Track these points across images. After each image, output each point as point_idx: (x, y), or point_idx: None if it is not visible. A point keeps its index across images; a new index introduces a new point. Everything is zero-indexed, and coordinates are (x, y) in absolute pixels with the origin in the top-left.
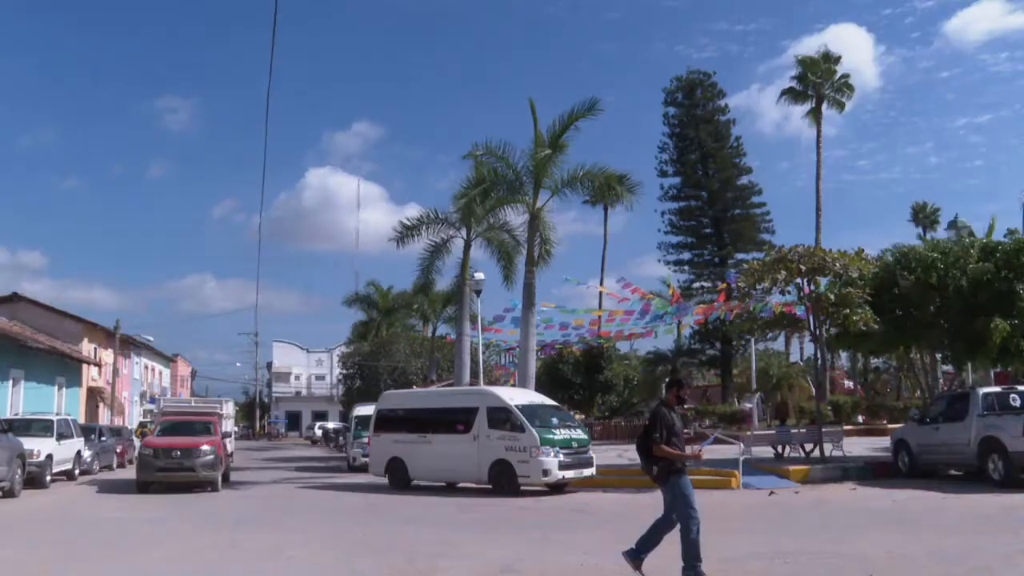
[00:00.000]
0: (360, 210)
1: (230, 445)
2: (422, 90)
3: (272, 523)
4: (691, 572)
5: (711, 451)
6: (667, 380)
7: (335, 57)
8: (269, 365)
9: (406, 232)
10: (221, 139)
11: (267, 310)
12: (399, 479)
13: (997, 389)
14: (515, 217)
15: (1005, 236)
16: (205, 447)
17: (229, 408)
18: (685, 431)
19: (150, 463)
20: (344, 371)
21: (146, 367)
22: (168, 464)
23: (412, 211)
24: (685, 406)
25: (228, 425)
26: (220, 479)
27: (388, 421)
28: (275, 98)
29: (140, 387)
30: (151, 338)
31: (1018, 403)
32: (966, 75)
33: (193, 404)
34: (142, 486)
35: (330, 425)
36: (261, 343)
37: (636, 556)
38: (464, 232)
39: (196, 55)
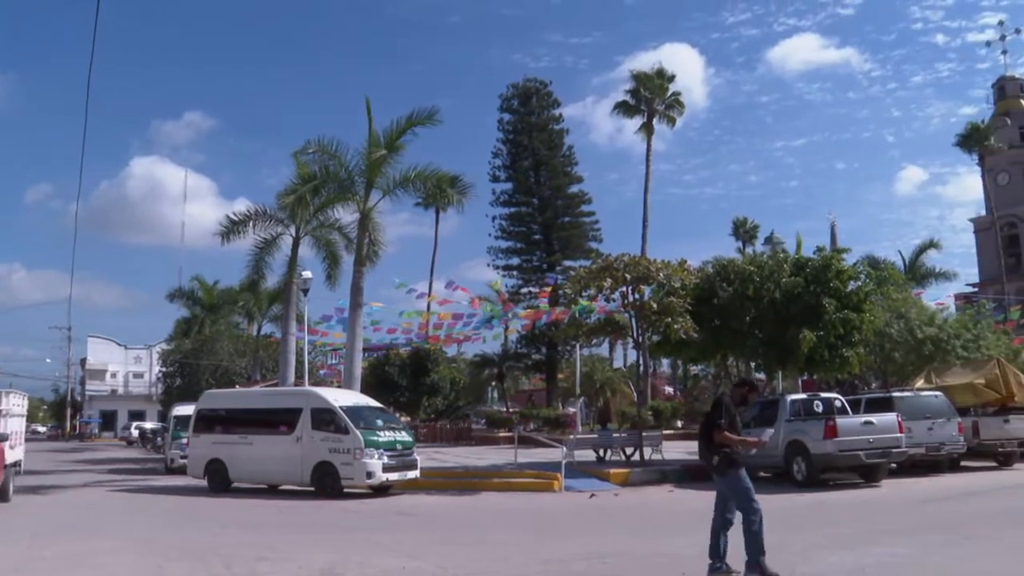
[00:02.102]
0: (187, 203)
1: (15, 450)
2: (258, 83)
3: (79, 530)
4: (755, 565)
5: (535, 454)
6: (738, 380)
7: (167, 42)
8: (83, 362)
9: (233, 227)
10: (38, 119)
11: (83, 304)
12: (219, 481)
13: (803, 396)
14: (346, 216)
15: (815, 253)
16: None
17: (15, 402)
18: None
19: None
20: (164, 369)
21: None
22: None
23: (242, 206)
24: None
25: (14, 424)
26: None
27: (209, 421)
28: (99, 80)
29: None
30: None
31: (821, 409)
32: (784, 100)
33: None
34: None
35: (148, 425)
36: (75, 338)
37: (718, 568)
38: (293, 230)
39: (12, 27)
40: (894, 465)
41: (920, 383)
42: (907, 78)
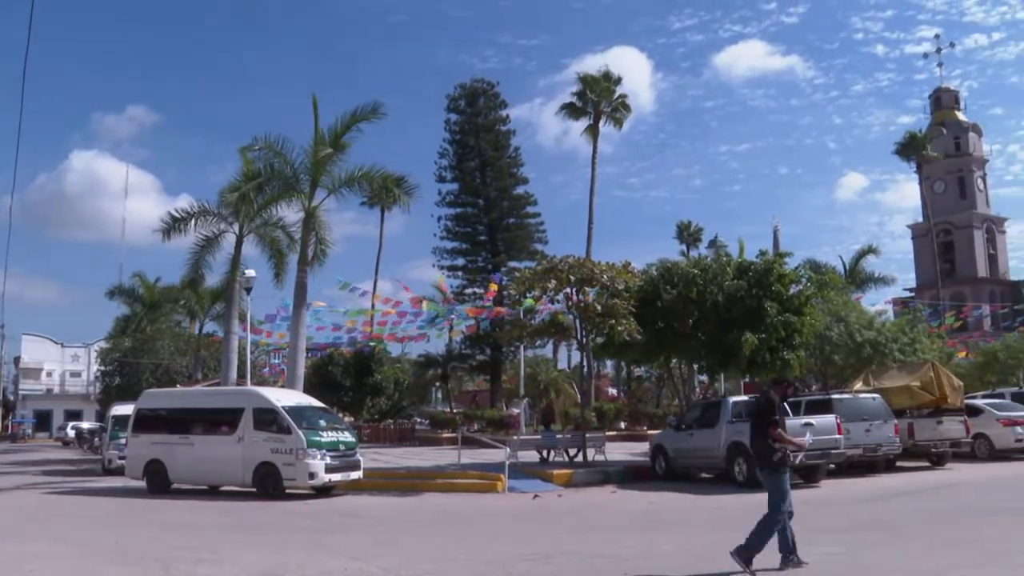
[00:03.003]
0: (128, 199)
1: None
2: (204, 79)
3: (12, 533)
4: (745, 552)
5: (479, 455)
6: (775, 378)
7: (111, 34)
8: (17, 360)
9: (174, 224)
10: None
11: (17, 301)
12: (158, 482)
13: (745, 398)
14: (291, 215)
15: (757, 257)
16: None
17: None
18: None
19: None
20: (103, 368)
21: None
22: None
23: (185, 203)
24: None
25: None
26: None
27: (148, 421)
28: (36, 69)
29: None
30: None
31: None
32: (729, 106)
33: None
34: None
35: (85, 425)
36: (9, 336)
37: (787, 557)
38: (237, 227)
39: None
40: (833, 466)
41: (858, 385)
42: (848, 86)
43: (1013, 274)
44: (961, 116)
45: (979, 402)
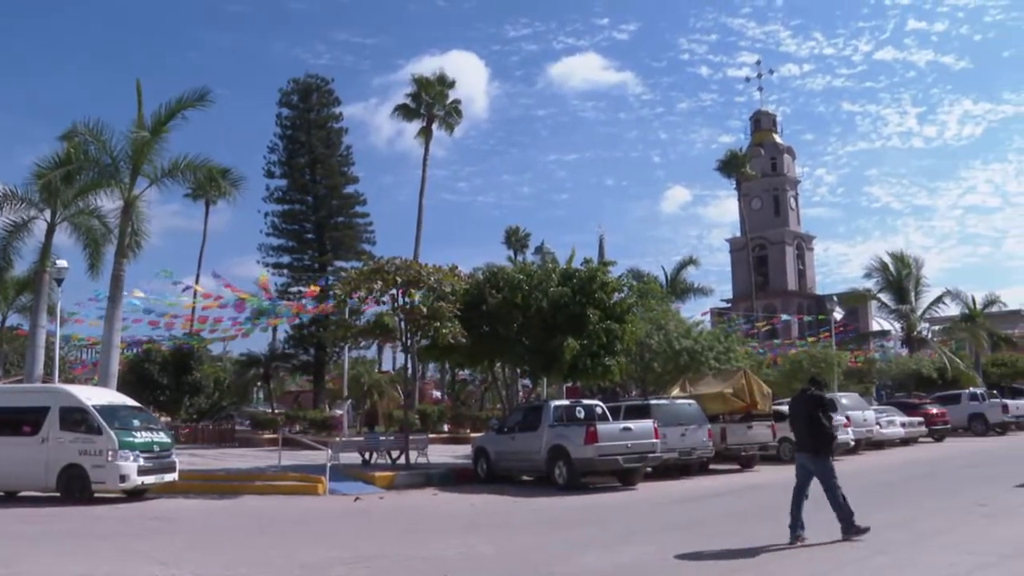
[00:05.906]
0: None
1: None
2: (16, 52)
3: None
4: (851, 527)
5: (300, 456)
6: (813, 377)
7: None
8: None
9: None
10: None
11: None
12: None
13: (566, 402)
14: (109, 203)
15: (582, 265)
16: None
17: None
18: None
19: None
20: None
21: None
22: None
23: None
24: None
25: None
26: None
27: None
28: None
29: None
30: None
31: (583, 415)
32: (559, 116)
33: None
34: None
35: None
36: None
37: (796, 532)
38: (48, 214)
39: None
40: (650, 469)
41: (676, 392)
42: (674, 104)
43: (819, 288)
44: (778, 138)
45: (785, 408)
